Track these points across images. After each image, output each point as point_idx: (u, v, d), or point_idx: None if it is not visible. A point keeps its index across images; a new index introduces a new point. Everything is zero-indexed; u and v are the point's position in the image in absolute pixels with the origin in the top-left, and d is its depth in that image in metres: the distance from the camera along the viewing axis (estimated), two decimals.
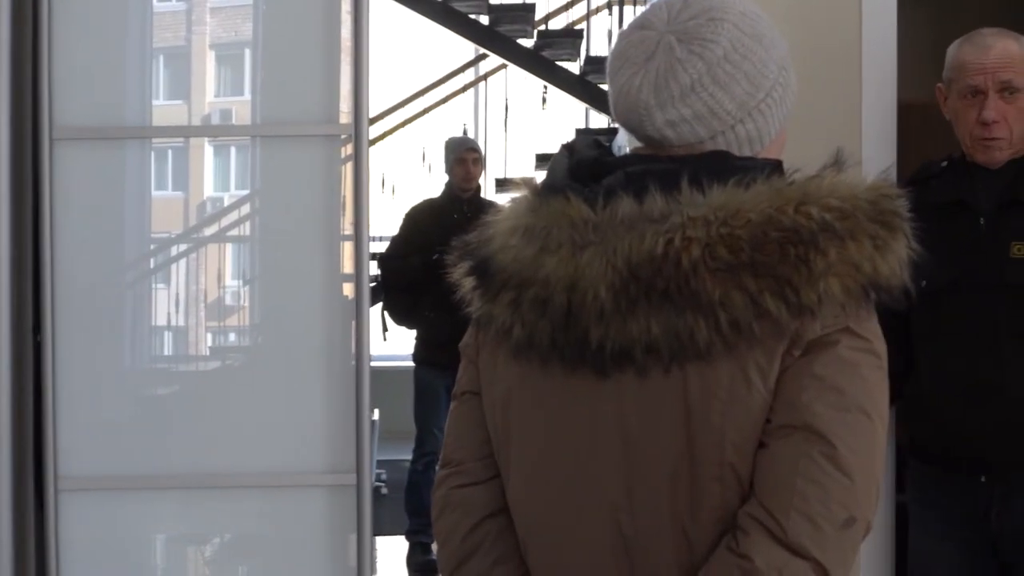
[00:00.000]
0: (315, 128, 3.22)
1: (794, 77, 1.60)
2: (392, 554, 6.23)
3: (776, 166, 1.51)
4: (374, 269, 6.11)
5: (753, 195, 1.45)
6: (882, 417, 1.49)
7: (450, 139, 6.10)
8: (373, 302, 5.99)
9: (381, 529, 6.35)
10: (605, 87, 1.78)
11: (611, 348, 1.47)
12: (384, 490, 7.39)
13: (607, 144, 6.51)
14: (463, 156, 5.83)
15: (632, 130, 1.58)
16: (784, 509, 1.43)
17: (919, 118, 3.06)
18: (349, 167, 3.21)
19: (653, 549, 1.50)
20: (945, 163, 2.91)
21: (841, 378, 1.46)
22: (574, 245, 1.48)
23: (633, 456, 1.50)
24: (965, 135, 2.81)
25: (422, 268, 5.21)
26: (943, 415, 2.81)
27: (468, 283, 1.60)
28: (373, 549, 3.24)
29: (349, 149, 3.20)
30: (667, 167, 1.49)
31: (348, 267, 3.22)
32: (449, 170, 5.87)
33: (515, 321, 1.53)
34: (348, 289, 3.23)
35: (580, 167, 1.55)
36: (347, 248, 3.21)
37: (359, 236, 3.16)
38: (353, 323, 3.17)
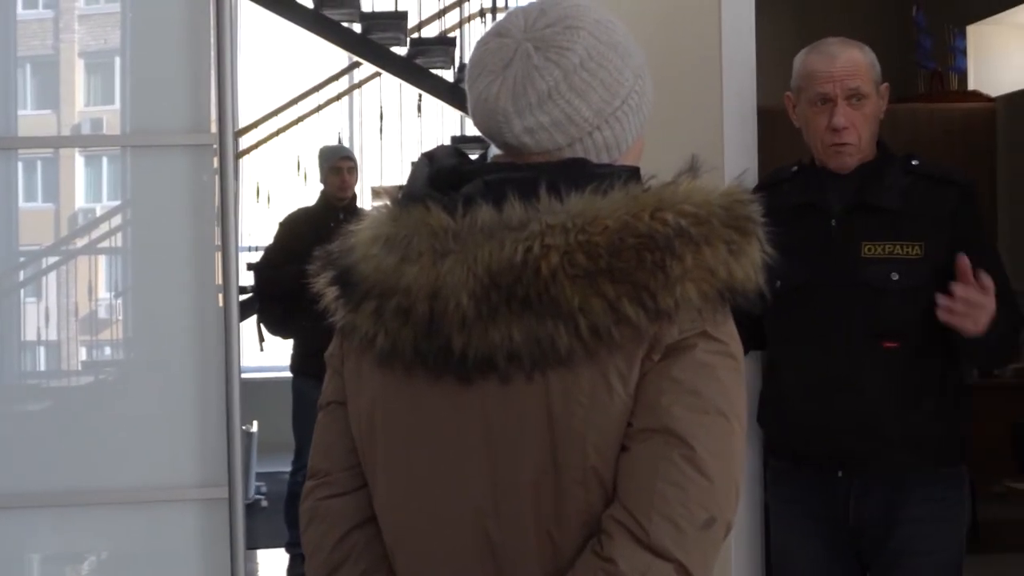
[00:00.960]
0: (185, 137, 3.18)
1: (650, 85, 1.62)
2: (272, 566, 6.19)
3: (633, 173, 1.53)
4: (251, 279, 6.07)
5: (610, 202, 1.47)
6: (739, 418, 1.52)
7: (324, 148, 6.07)
8: (250, 312, 5.95)
9: (261, 542, 6.30)
10: None
11: (474, 356, 1.48)
12: (264, 503, 7.33)
13: (483, 151, 6.54)
14: (337, 165, 5.80)
15: (491, 137, 1.59)
16: (646, 512, 1.45)
17: (781, 124, 3.13)
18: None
19: (519, 555, 1.51)
20: (795, 168, 3.00)
21: (699, 381, 1.48)
22: (435, 254, 1.49)
23: (497, 462, 1.51)
24: (816, 142, 2.89)
25: (297, 277, 5.17)
26: (801, 413, 2.87)
27: (331, 292, 1.60)
28: (248, 562, 3.21)
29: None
30: (525, 175, 1.51)
31: (220, 278, 3.19)
32: (324, 179, 5.85)
33: (378, 330, 1.53)
34: (222, 300, 3.20)
35: (439, 176, 1.56)
36: (219, 259, 3.18)
37: (226, 246, 3.13)
38: (223, 334, 3.14)
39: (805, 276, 2.77)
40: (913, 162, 2.90)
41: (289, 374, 5.82)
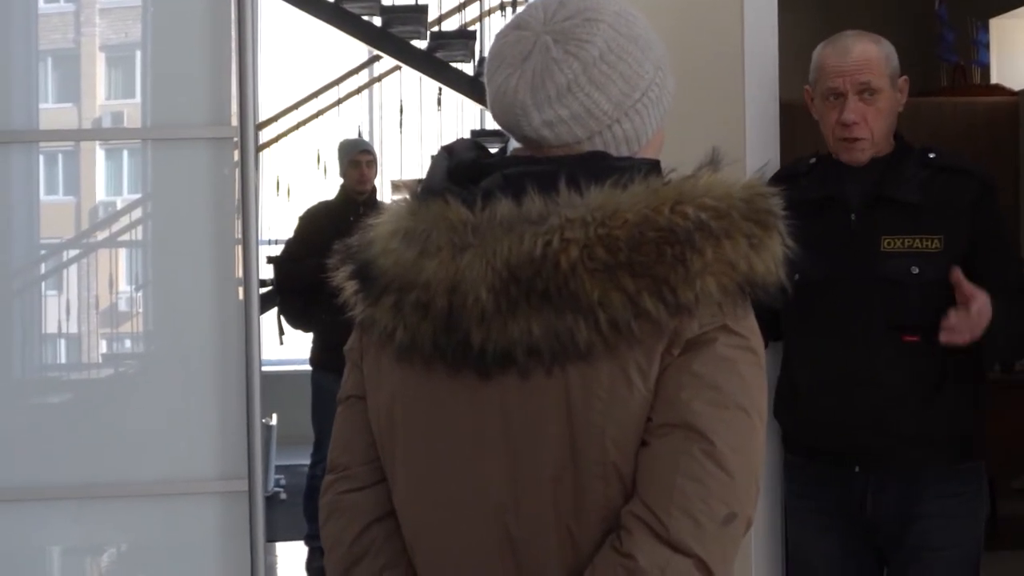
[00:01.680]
0: (205, 131, 3.19)
1: (671, 79, 1.61)
2: (292, 559, 6.20)
3: (653, 166, 1.52)
4: (270, 272, 6.07)
5: (630, 195, 1.46)
6: (760, 413, 1.51)
7: (343, 141, 6.07)
8: (270, 305, 5.95)
9: (281, 535, 6.32)
10: None
11: (493, 350, 1.47)
12: (283, 495, 7.35)
13: (503, 145, 6.54)
14: (356, 159, 5.81)
15: (510, 130, 1.58)
16: (665, 507, 1.44)
17: (802, 118, 3.12)
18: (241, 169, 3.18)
19: (539, 550, 1.51)
20: (813, 160, 2.99)
21: (719, 375, 1.47)
22: (454, 248, 1.49)
23: (518, 457, 1.51)
24: (829, 135, 2.89)
25: (317, 271, 5.16)
26: (819, 408, 2.87)
27: (351, 287, 1.59)
28: (268, 555, 3.22)
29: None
30: (545, 168, 1.50)
31: (241, 271, 3.20)
32: (343, 172, 5.85)
33: (397, 324, 1.53)
34: (243, 294, 3.21)
35: (459, 169, 1.55)
36: (240, 252, 3.19)
37: (247, 239, 3.14)
38: (243, 328, 3.15)
39: (825, 270, 2.76)
40: (931, 155, 2.89)
41: (308, 367, 5.83)
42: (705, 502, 1.45)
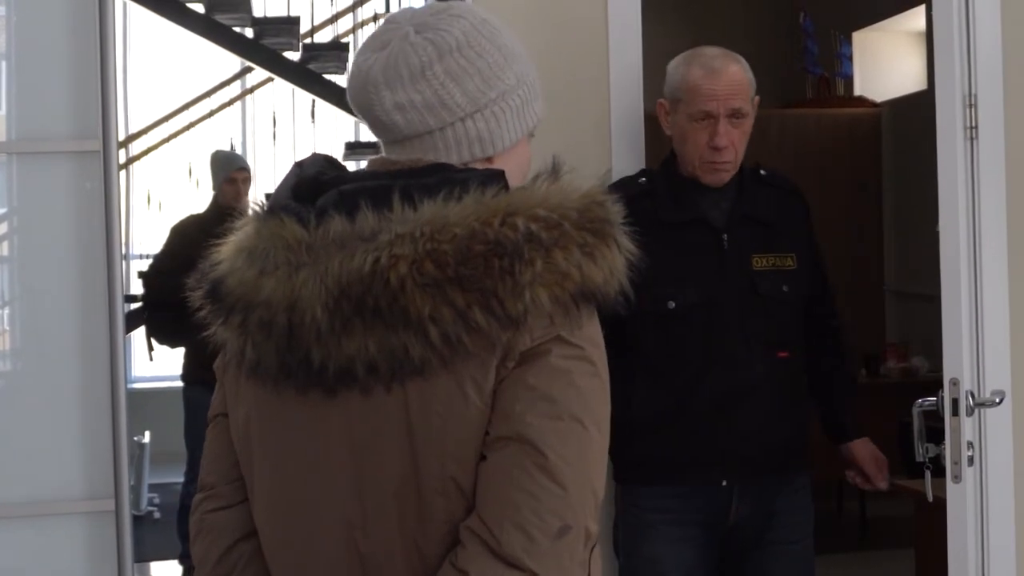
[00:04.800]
0: (71, 144, 3.13)
1: (539, 101, 1.63)
2: None
3: (491, 176, 1.52)
4: (141, 287, 5.96)
5: (460, 209, 1.47)
6: (598, 423, 1.51)
7: (218, 156, 5.98)
8: (141, 321, 5.85)
9: (154, 553, 6.22)
10: None
11: (333, 368, 1.48)
12: (157, 514, 7.23)
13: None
14: (233, 176, 5.72)
15: (363, 113, 1.59)
16: (499, 521, 1.45)
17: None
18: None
19: (389, 565, 1.52)
20: (644, 179, 2.93)
21: (553, 387, 1.47)
22: (290, 266, 1.49)
23: (363, 473, 1.51)
24: (694, 156, 2.86)
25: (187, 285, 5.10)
26: (693, 426, 2.85)
27: (206, 306, 1.59)
28: (141, 574, 3.16)
29: None
30: (380, 184, 1.51)
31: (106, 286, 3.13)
32: (217, 188, 5.76)
33: (246, 343, 1.54)
34: (108, 309, 3.14)
35: (301, 186, 1.56)
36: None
37: (111, 254, 3.08)
38: (107, 344, 3.09)
39: (704, 293, 2.81)
40: (761, 172, 2.96)
41: (181, 384, 5.74)
42: (538, 515, 1.45)
